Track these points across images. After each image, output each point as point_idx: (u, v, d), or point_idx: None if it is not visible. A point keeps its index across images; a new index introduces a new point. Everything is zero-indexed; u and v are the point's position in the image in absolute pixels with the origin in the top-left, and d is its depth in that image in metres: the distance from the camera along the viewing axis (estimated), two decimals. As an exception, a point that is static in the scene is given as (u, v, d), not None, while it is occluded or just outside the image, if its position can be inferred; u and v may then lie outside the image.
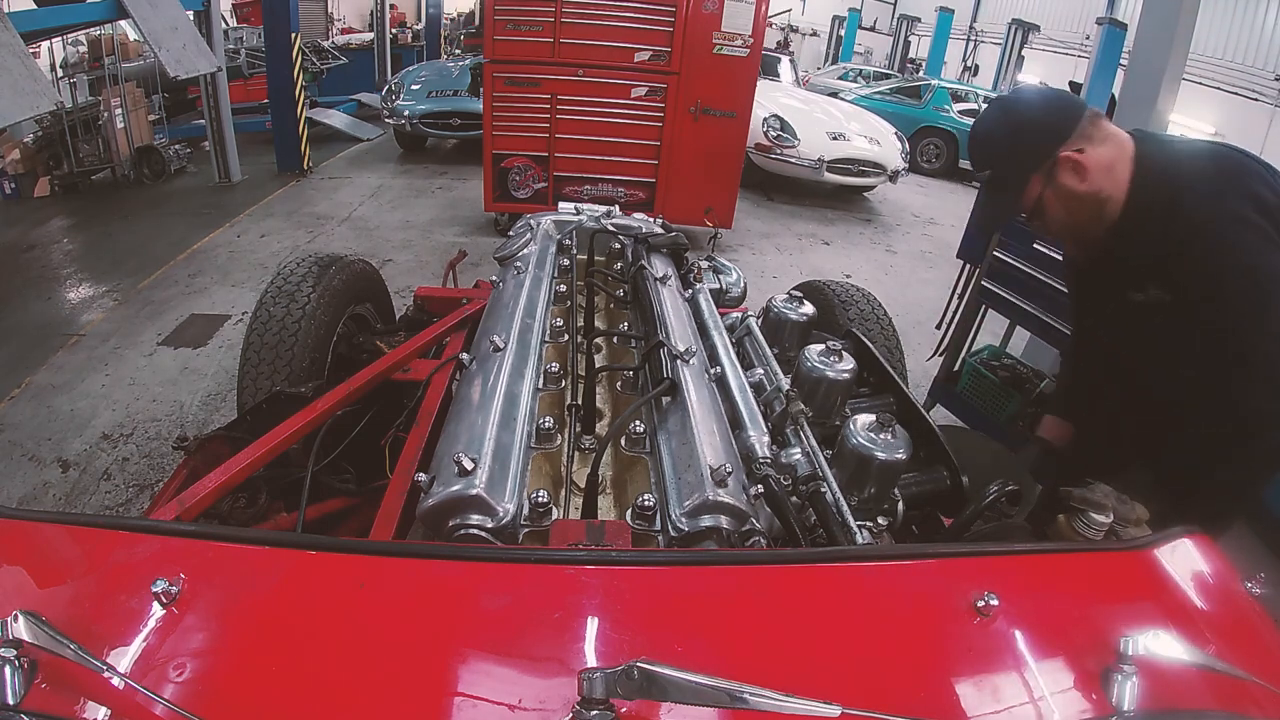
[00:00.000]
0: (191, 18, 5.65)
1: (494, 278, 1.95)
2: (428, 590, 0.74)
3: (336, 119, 8.52)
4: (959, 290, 3.08)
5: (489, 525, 0.94)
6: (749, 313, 1.83)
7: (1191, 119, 10.89)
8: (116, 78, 6.55)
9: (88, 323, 3.94)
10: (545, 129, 4.86)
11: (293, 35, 6.38)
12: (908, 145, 7.45)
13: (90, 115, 6.42)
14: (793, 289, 1.92)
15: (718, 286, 2.08)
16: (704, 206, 4.66)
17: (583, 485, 1.08)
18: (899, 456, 1.13)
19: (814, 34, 21.35)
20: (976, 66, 17.79)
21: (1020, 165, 1.32)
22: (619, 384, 1.38)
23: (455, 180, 6.96)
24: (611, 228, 2.03)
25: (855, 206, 7.25)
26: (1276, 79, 10.16)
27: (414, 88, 7.43)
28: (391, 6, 12.63)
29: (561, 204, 2.21)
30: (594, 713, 0.56)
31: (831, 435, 1.25)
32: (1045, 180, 1.30)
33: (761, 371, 1.53)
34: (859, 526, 1.06)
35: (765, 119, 6.58)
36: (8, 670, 0.56)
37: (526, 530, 0.95)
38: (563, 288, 1.74)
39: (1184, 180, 1.26)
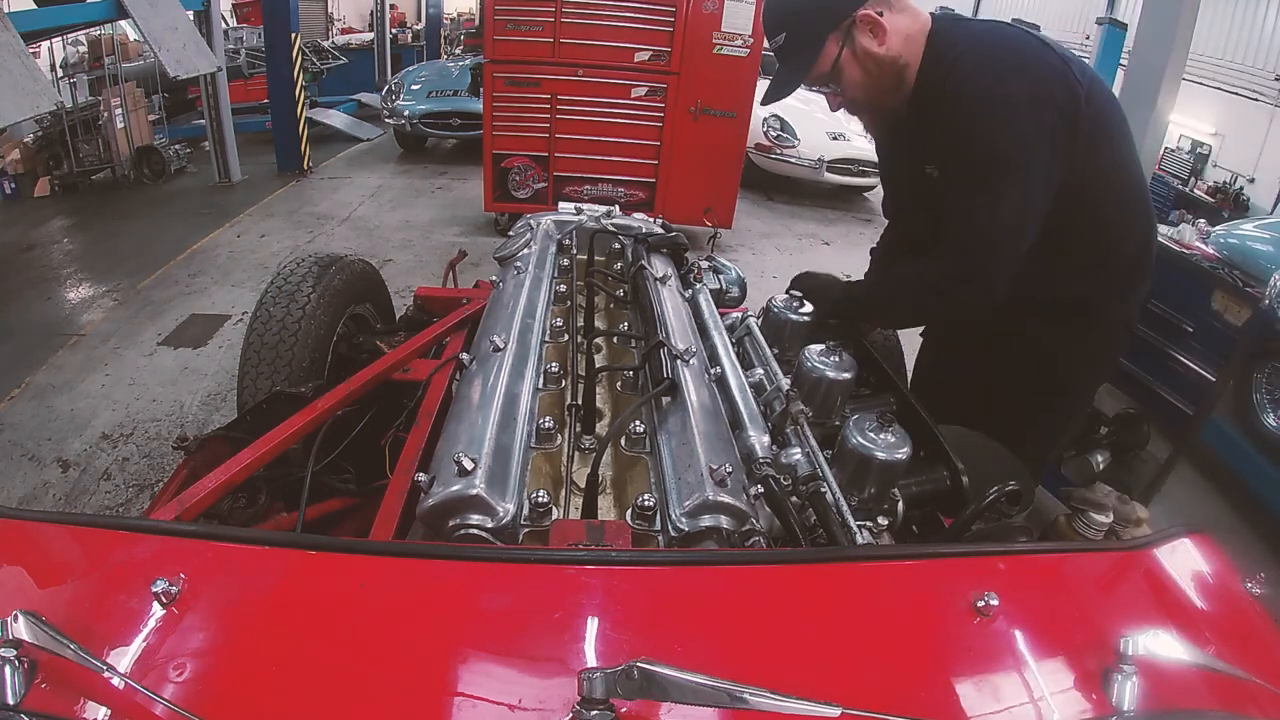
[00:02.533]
0: (191, 18, 5.65)
1: (494, 278, 1.95)
2: (428, 590, 0.74)
3: (336, 119, 8.52)
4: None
5: (489, 525, 0.94)
6: (749, 313, 1.82)
7: (1191, 119, 10.89)
8: (116, 78, 6.56)
9: (88, 323, 3.94)
10: (545, 129, 4.86)
11: (293, 35, 6.38)
12: (908, 145, 7.43)
13: (90, 115, 6.42)
14: (792, 289, 1.91)
15: (718, 286, 2.08)
16: (704, 206, 4.66)
17: (583, 485, 1.07)
18: (899, 456, 1.12)
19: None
20: (976, 66, 17.74)
21: (816, 24, 1.31)
22: (619, 384, 1.38)
23: (455, 180, 6.96)
24: (611, 228, 2.03)
25: (855, 206, 7.25)
26: (1276, 79, 10.16)
27: (414, 88, 7.43)
28: (391, 6, 12.63)
29: (561, 204, 2.20)
30: (594, 713, 0.56)
31: (831, 435, 1.24)
32: (843, 40, 1.30)
33: (761, 371, 1.52)
34: (859, 526, 1.06)
35: (765, 119, 6.57)
36: (8, 670, 0.56)
37: (526, 530, 0.95)
38: (563, 288, 1.74)
39: (966, 57, 1.28)
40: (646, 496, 0.96)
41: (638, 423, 1.15)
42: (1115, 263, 1.46)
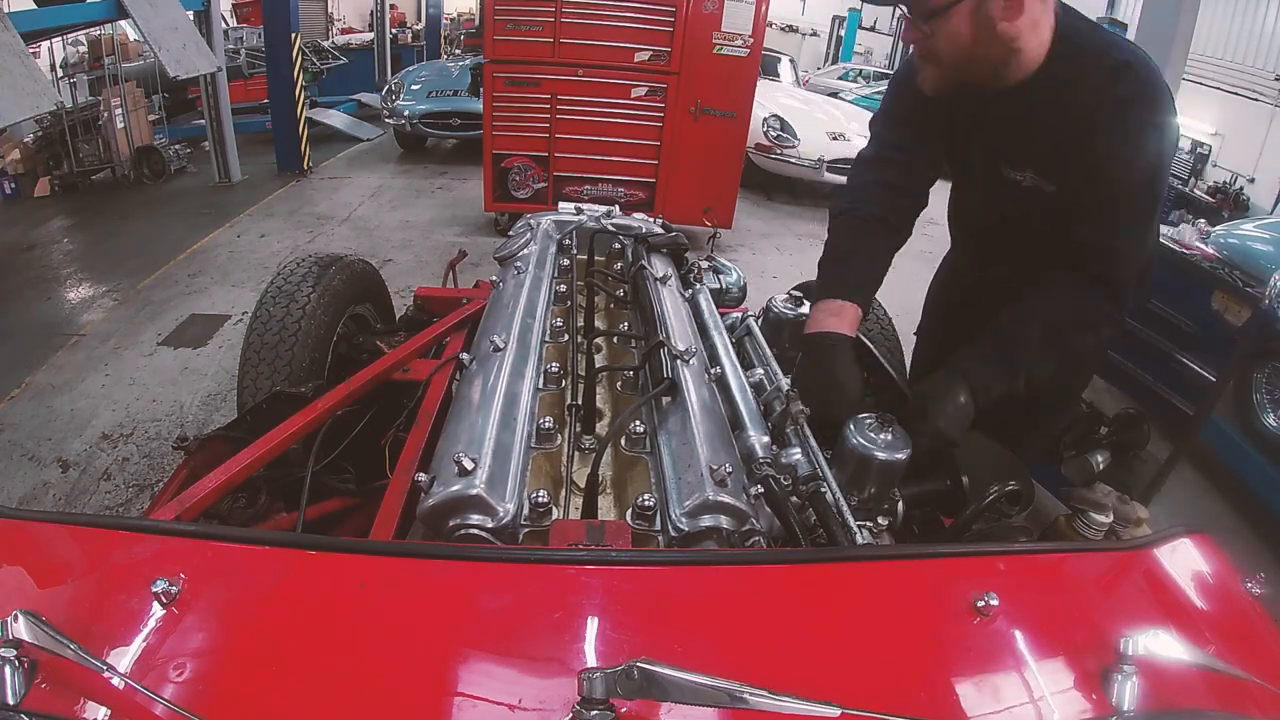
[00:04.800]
0: (191, 18, 5.64)
1: (494, 278, 1.95)
2: (428, 590, 0.74)
3: (336, 119, 8.51)
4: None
5: (489, 525, 0.94)
6: (749, 313, 1.82)
7: (1192, 119, 10.89)
8: (116, 78, 6.55)
9: (88, 323, 3.94)
10: (545, 129, 4.86)
11: (293, 35, 6.38)
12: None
13: (90, 115, 6.42)
14: (792, 289, 1.91)
15: (718, 286, 2.08)
16: (704, 206, 4.65)
17: (583, 485, 1.07)
18: (899, 456, 1.12)
19: (814, 34, 21.35)
20: (976, 66, 17.74)
21: None
22: (619, 384, 1.38)
23: (455, 180, 6.95)
24: (611, 228, 2.03)
25: (855, 206, 7.24)
26: (1276, 79, 10.16)
27: (414, 88, 7.43)
28: (391, 6, 12.63)
29: (561, 204, 2.20)
30: (594, 713, 0.56)
31: (831, 435, 1.24)
32: None
33: (761, 371, 1.52)
34: (859, 526, 1.06)
35: (765, 119, 6.57)
36: (8, 670, 0.56)
37: (526, 530, 0.95)
38: (563, 288, 1.74)
39: (1119, 74, 1.17)
40: (646, 496, 0.96)
41: (638, 423, 1.15)
42: None
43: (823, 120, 7.07)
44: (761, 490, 1.06)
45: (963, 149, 1.43)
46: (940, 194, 1.54)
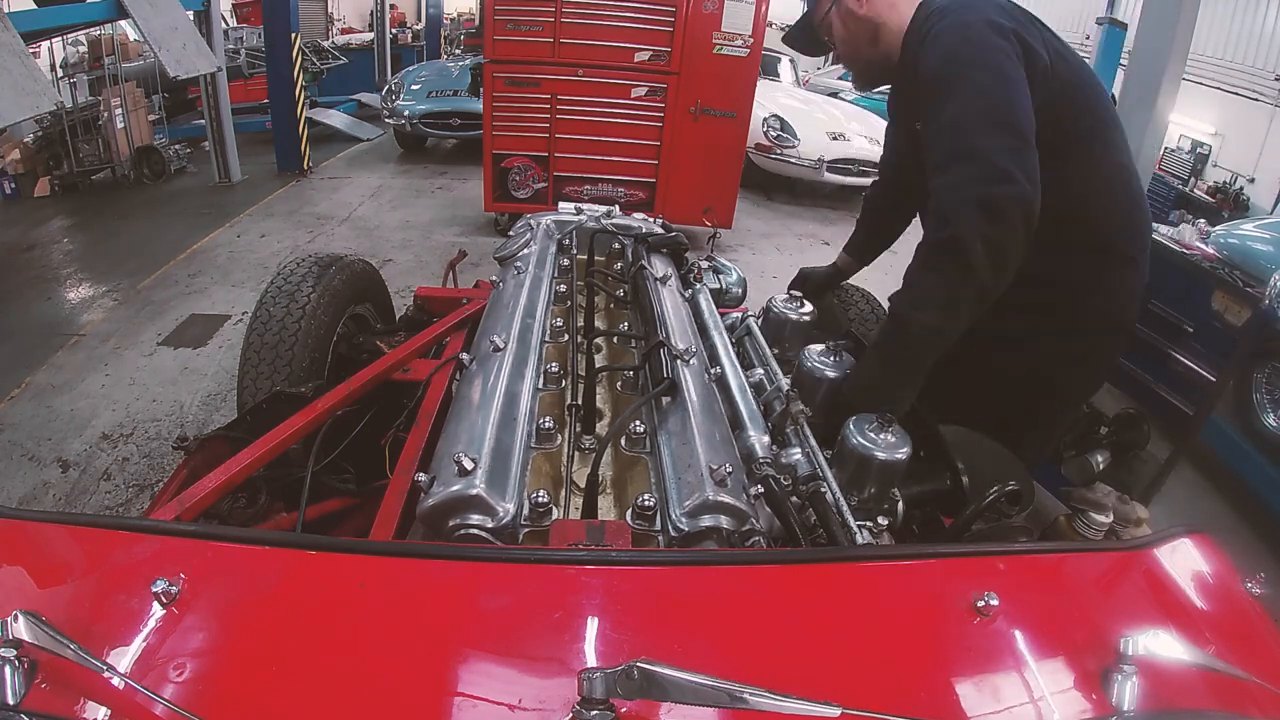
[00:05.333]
0: (191, 18, 5.65)
1: (494, 278, 1.95)
2: (428, 590, 0.74)
3: (336, 119, 8.52)
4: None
5: (489, 525, 0.94)
6: (749, 313, 1.83)
7: (1191, 119, 10.89)
8: (116, 78, 6.55)
9: (88, 323, 3.94)
10: (545, 129, 4.86)
11: (293, 35, 6.38)
12: (908, 145, 7.44)
13: (90, 115, 6.42)
14: (793, 289, 1.92)
15: (718, 286, 2.08)
16: (704, 206, 4.65)
17: (583, 485, 1.07)
18: (899, 456, 1.12)
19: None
20: (976, 66, 17.75)
21: None
22: (619, 384, 1.38)
23: (455, 180, 6.96)
24: (611, 228, 2.03)
25: (855, 206, 7.20)
26: (1277, 79, 10.16)
27: (414, 88, 7.43)
28: (391, 6, 12.63)
29: (561, 204, 2.21)
30: (594, 713, 0.56)
31: (831, 435, 1.24)
32: (832, 4, 1.47)
33: (761, 371, 1.53)
34: (859, 526, 1.06)
35: (765, 119, 6.57)
36: (8, 670, 0.56)
37: (526, 530, 0.95)
38: (563, 288, 1.74)
39: (944, 13, 1.35)
40: (646, 496, 0.96)
41: (638, 423, 1.15)
42: (1092, 243, 1.43)
43: (823, 120, 7.06)
44: (761, 490, 1.06)
45: (896, 122, 1.79)
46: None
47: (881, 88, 1.70)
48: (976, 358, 1.46)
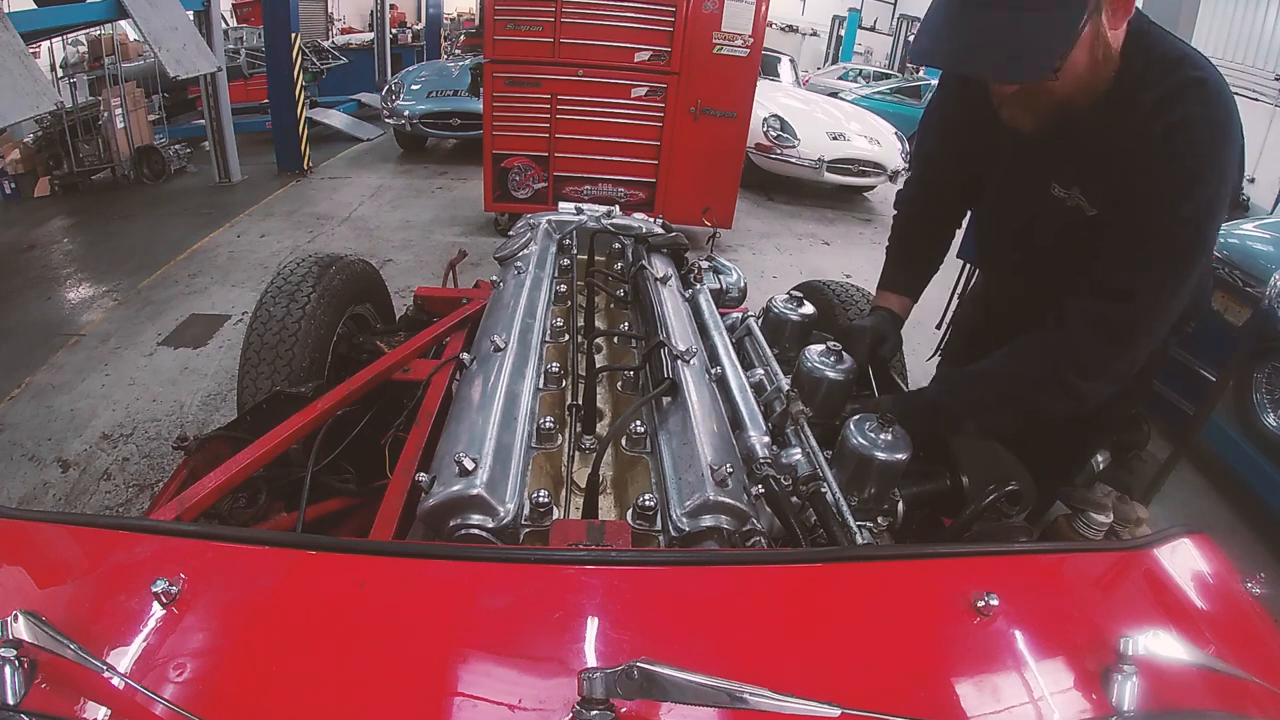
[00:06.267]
0: (191, 18, 5.65)
1: (494, 278, 1.95)
2: (428, 590, 0.74)
3: (336, 119, 8.52)
4: (958, 290, 3.07)
5: (489, 525, 0.94)
6: (749, 313, 1.83)
7: (1191, 119, 10.86)
8: (116, 78, 6.55)
9: (88, 323, 3.93)
10: (545, 129, 4.86)
11: (293, 35, 6.38)
12: (908, 145, 7.45)
13: (90, 115, 6.42)
14: (793, 289, 1.92)
15: (718, 286, 2.08)
16: (704, 206, 4.65)
17: (583, 485, 1.08)
18: (899, 456, 1.13)
19: (814, 34, 21.35)
20: (976, 66, 17.76)
21: None
22: (619, 384, 1.38)
23: (455, 180, 6.96)
24: (611, 228, 2.03)
25: (855, 206, 7.25)
26: (1276, 79, 10.16)
27: (414, 88, 7.43)
28: (391, 6, 12.63)
29: (561, 204, 2.21)
30: (594, 713, 0.56)
31: (831, 435, 1.25)
32: (1090, 11, 0.96)
33: (761, 371, 1.53)
34: (859, 526, 1.06)
35: (765, 119, 6.58)
36: (8, 670, 0.56)
37: (527, 530, 0.95)
38: (563, 288, 1.74)
39: (1183, 93, 1.02)
40: (647, 496, 0.96)
41: (638, 423, 1.15)
42: (1177, 324, 1.26)
43: (823, 120, 7.07)
44: (762, 490, 1.06)
45: (1009, 163, 1.29)
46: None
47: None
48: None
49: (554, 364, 1.33)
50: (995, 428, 1.23)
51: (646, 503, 0.95)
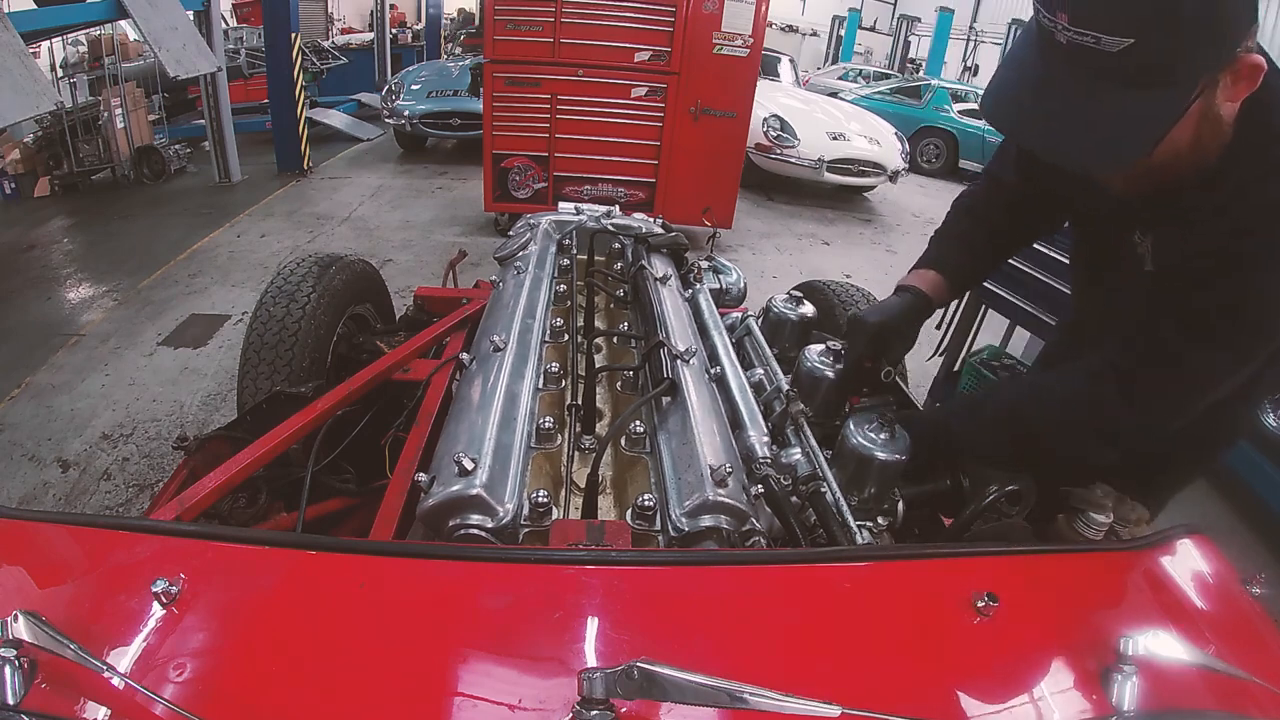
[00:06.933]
0: (191, 18, 5.65)
1: (494, 278, 1.95)
2: (428, 590, 0.74)
3: (336, 119, 8.52)
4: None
5: (489, 525, 0.94)
6: (749, 313, 1.83)
7: (1191, 119, 10.86)
8: (116, 78, 6.56)
9: (88, 323, 3.94)
10: (545, 129, 4.86)
11: (293, 35, 6.39)
12: (908, 145, 7.46)
13: (90, 115, 6.42)
14: (792, 289, 1.92)
15: (718, 286, 2.08)
16: (704, 206, 4.66)
17: (583, 485, 1.07)
18: (899, 456, 1.13)
19: (814, 34, 21.37)
20: (976, 66, 17.82)
21: (1200, 48, 0.77)
22: (619, 384, 1.38)
23: (455, 180, 6.96)
24: (611, 228, 2.03)
25: (855, 206, 7.26)
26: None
27: (414, 88, 7.44)
28: (391, 6, 12.64)
29: (561, 204, 2.21)
30: (594, 713, 0.56)
31: (831, 435, 1.24)
32: (1205, 88, 0.82)
33: (761, 371, 1.53)
34: (859, 526, 1.06)
35: (765, 119, 6.58)
36: (8, 670, 0.56)
37: (526, 530, 0.95)
38: (563, 288, 1.74)
39: None
40: (646, 496, 0.96)
41: (638, 423, 1.15)
42: None
43: (823, 120, 7.07)
44: (761, 490, 1.06)
45: (1095, 204, 1.13)
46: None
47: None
48: None
49: (553, 364, 1.33)
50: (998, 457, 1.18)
51: (646, 503, 0.95)
